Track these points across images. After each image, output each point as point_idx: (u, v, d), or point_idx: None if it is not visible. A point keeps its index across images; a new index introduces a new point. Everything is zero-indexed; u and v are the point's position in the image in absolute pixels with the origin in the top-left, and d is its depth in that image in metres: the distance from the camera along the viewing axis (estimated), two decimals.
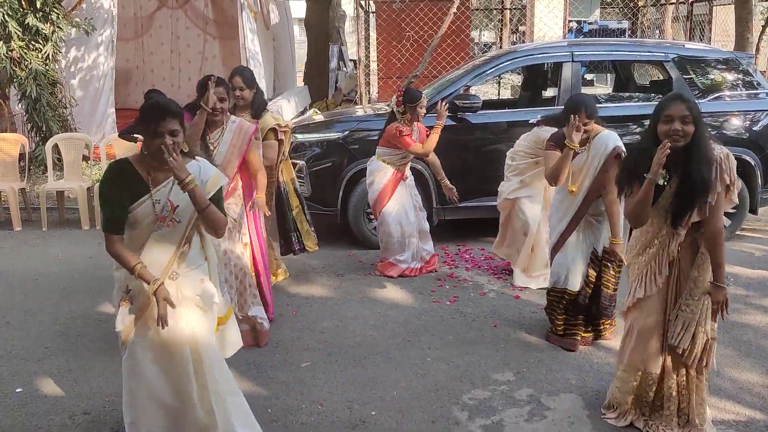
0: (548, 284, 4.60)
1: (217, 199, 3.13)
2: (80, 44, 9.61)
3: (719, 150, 3.19)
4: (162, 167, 2.95)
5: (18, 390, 3.99)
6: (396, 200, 5.78)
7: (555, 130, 4.58)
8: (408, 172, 5.88)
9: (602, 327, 4.59)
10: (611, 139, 4.29)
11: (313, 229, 5.58)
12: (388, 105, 6.34)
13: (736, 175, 3.22)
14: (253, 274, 4.61)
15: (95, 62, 9.81)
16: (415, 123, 5.73)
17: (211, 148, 4.19)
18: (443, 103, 5.71)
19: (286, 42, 13.98)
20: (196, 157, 3.17)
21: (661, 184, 3.14)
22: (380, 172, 5.77)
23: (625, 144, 4.34)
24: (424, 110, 5.70)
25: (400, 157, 5.76)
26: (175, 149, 2.87)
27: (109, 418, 3.67)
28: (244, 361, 4.27)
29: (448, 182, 5.78)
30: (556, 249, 4.49)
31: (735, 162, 3.22)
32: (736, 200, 3.29)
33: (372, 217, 6.28)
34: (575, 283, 4.40)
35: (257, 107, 4.94)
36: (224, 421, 3.17)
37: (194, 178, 2.93)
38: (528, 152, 5.53)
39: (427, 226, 6.05)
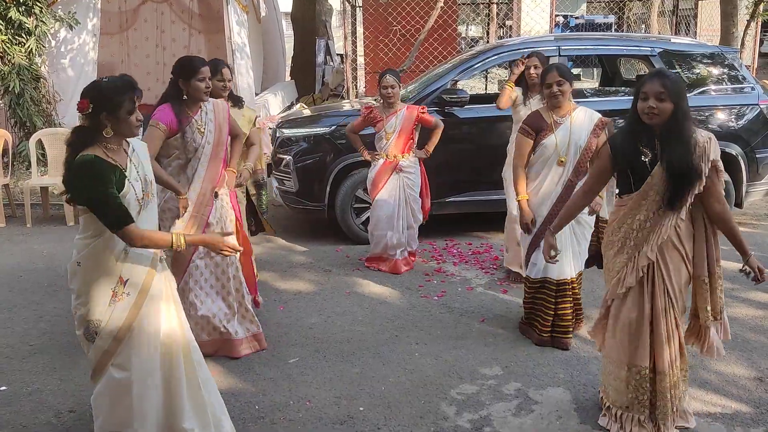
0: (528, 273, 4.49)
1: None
2: (62, 38, 9.50)
3: (703, 135, 3.12)
4: (120, 148, 2.90)
5: (3, 388, 3.95)
6: (386, 191, 5.74)
7: None
8: (406, 162, 5.72)
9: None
10: (592, 111, 4.39)
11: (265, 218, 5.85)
12: (375, 99, 6.30)
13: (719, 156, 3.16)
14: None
15: (77, 56, 9.71)
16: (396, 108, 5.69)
17: (201, 129, 4.15)
18: None
19: (275, 36, 13.92)
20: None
21: (644, 160, 3.15)
22: (375, 160, 5.82)
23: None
24: (388, 92, 5.62)
25: (377, 141, 5.77)
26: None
27: None
28: (230, 358, 4.25)
29: None
30: (544, 229, 4.21)
31: (717, 146, 3.16)
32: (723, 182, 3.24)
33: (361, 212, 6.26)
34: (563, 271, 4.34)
35: (236, 99, 5.20)
36: (213, 414, 3.16)
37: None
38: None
39: (415, 220, 5.89)
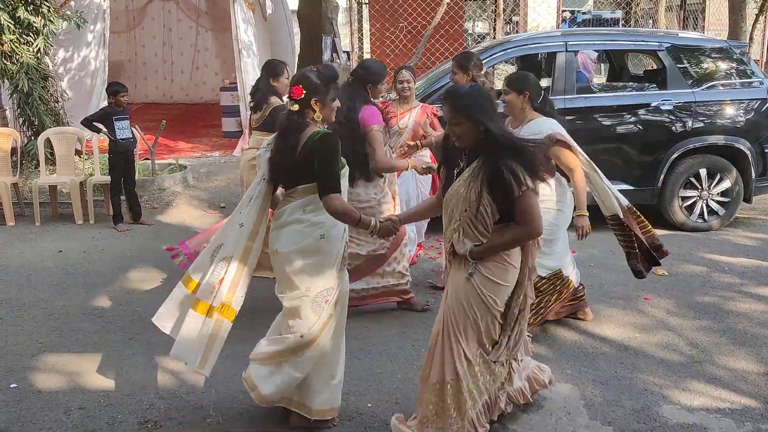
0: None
1: None
2: (73, 39, 9.56)
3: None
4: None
5: (12, 386, 3.97)
6: (399, 186, 5.67)
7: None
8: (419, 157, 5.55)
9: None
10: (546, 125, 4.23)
11: None
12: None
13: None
14: None
15: (88, 56, 9.77)
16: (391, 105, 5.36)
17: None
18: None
19: (284, 33, 13.93)
20: None
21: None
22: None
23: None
24: (404, 86, 5.27)
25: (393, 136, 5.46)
26: None
27: (104, 413, 3.66)
28: (239, 354, 4.26)
29: None
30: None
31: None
32: None
33: None
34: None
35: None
36: None
37: None
38: None
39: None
